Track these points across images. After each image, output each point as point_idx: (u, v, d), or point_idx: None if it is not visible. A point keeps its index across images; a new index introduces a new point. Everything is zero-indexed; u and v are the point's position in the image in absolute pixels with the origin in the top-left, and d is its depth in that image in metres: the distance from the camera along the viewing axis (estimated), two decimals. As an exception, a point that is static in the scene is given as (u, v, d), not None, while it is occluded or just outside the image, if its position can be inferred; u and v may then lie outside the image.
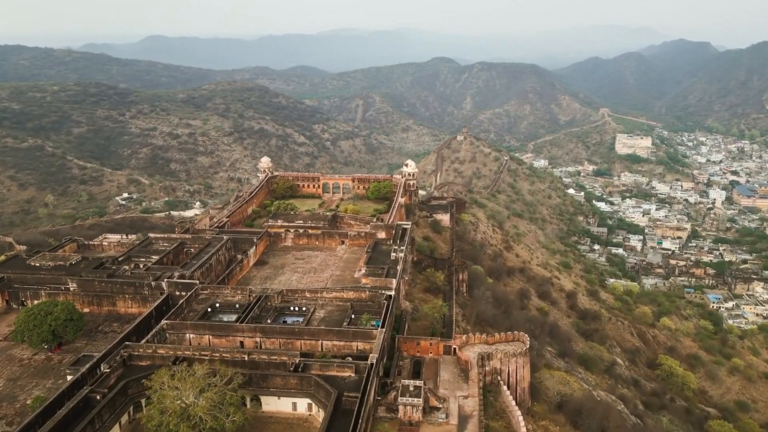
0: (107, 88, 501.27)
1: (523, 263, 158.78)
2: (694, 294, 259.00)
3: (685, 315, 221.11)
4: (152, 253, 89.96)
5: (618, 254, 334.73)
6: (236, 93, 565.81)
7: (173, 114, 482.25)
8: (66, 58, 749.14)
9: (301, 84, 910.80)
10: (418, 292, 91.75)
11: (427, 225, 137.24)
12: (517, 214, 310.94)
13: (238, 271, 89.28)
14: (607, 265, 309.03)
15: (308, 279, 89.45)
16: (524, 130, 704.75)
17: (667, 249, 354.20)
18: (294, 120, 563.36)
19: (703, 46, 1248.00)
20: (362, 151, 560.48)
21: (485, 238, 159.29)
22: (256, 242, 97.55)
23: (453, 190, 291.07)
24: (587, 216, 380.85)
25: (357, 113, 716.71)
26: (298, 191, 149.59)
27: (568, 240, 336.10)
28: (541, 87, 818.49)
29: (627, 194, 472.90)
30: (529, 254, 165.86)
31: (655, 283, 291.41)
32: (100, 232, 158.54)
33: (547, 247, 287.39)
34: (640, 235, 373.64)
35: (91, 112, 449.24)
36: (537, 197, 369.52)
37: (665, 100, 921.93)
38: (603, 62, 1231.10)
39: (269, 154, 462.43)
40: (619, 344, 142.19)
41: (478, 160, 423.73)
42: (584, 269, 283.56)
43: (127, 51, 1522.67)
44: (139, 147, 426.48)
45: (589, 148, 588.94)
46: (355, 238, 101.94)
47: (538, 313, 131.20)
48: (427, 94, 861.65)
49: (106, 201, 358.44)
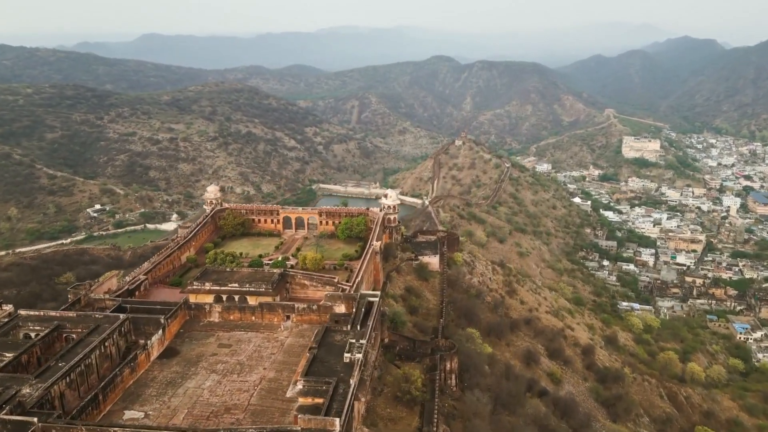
0: (85, 90, 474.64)
1: (529, 311, 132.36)
2: (717, 322, 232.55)
3: (712, 351, 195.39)
4: (6, 347, 63.93)
5: (629, 271, 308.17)
6: (224, 94, 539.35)
7: (155, 117, 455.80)
8: (50, 57, 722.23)
9: (296, 84, 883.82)
10: (385, 406, 65.42)
11: (411, 271, 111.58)
12: (520, 229, 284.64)
13: (128, 374, 63.08)
14: (618, 285, 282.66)
15: (228, 386, 63.00)
16: (526, 132, 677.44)
17: (682, 264, 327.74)
18: (285, 123, 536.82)
19: (709, 43, 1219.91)
20: (356, 155, 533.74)
21: (483, 281, 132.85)
22: (164, 323, 71.27)
23: (450, 205, 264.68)
24: (595, 228, 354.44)
25: (352, 115, 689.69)
26: (252, 227, 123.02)
27: (575, 256, 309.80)
28: (544, 86, 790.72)
29: (635, 201, 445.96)
30: (536, 298, 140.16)
31: (671, 306, 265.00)
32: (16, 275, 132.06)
33: (553, 267, 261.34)
34: (652, 248, 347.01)
35: (66, 116, 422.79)
36: (541, 208, 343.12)
37: (671, 100, 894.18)
38: (606, 60, 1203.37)
39: (256, 160, 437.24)
40: (647, 412, 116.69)
41: (478, 167, 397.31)
42: (594, 291, 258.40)
43: (121, 50, 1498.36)
44: (116, 153, 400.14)
45: (595, 152, 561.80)
46: (304, 312, 75.53)
47: (550, 380, 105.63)
48: (425, 94, 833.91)
49: (75, 213, 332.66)
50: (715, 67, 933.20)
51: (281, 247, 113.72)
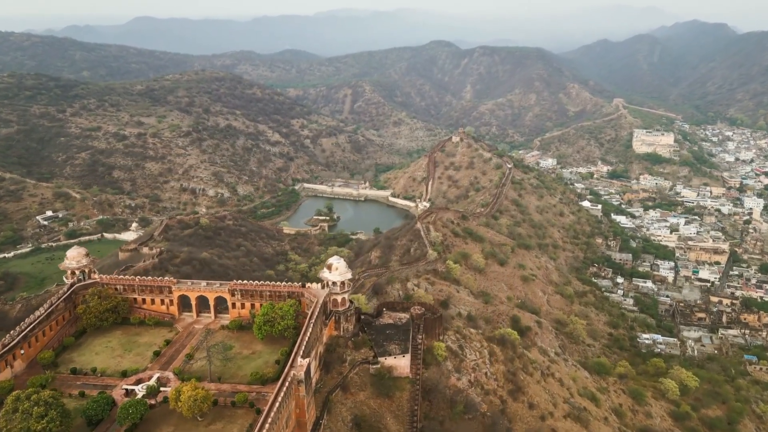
0: (48, 79, 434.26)
1: (541, 419, 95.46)
2: (758, 365, 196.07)
3: (759, 413, 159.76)
4: None
5: (647, 290, 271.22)
6: (203, 84, 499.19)
7: (124, 110, 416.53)
8: (24, 42, 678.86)
9: (287, 70, 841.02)
10: None
11: (367, 382, 74.09)
12: (524, 245, 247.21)
13: None
14: (635, 310, 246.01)
15: None
16: (529, 123, 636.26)
17: (705, 280, 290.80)
18: (269, 114, 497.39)
19: (720, 27, 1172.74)
20: (347, 149, 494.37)
21: (477, 379, 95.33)
22: None
23: (442, 220, 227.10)
24: (607, 237, 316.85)
25: (344, 104, 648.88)
26: (133, 311, 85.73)
27: (585, 272, 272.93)
28: (548, 74, 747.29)
29: (649, 203, 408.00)
30: (549, 390, 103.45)
31: (699, 337, 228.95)
32: None
33: (562, 293, 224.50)
34: (671, 260, 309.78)
35: (24, 108, 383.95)
36: (547, 216, 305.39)
37: (681, 87, 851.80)
38: (613, 45, 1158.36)
39: (233, 157, 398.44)
40: None
41: (477, 167, 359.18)
42: (610, 322, 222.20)
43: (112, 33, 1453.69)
44: (77, 151, 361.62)
45: (603, 146, 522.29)
46: None
47: None
48: (423, 81, 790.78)
49: (23, 221, 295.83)
50: (728, 53, 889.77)
51: (167, 350, 76.14)
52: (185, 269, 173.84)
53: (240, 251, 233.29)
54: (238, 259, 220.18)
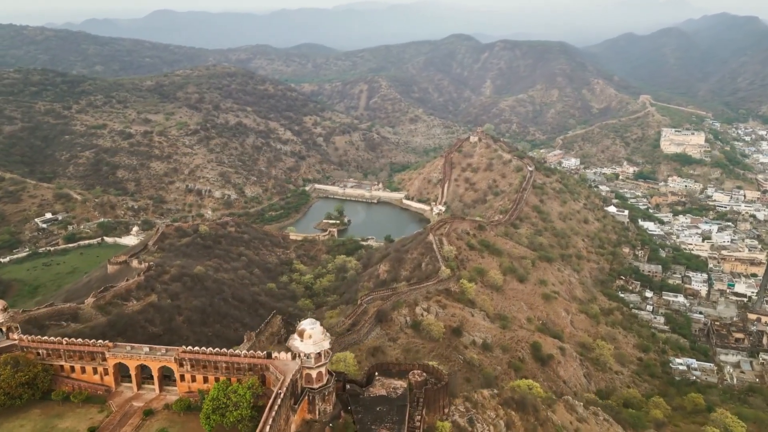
0: (55, 75, 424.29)
1: None
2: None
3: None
4: None
5: (678, 306, 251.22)
6: (214, 79, 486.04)
7: (132, 107, 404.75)
8: (38, 36, 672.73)
9: (303, 65, 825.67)
10: None
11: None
12: (546, 257, 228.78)
13: None
14: (667, 330, 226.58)
15: None
16: (551, 121, 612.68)
17: (742, 295, 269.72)
18: (281, 111, 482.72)
19: (751, 20, 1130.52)
20: (360, 148, 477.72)
21: None
22: None
23: (457, 231, 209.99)
24: (634, 246, 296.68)
25: (360, 100, 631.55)
26: (59, 383, 67.12)
27: (611, 286, 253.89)
28: (571, 69, 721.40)
29: (678, 208, 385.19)
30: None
31: (737, 362, 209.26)
32: None
33: (587, 312, 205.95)
34: (703, 271, 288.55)
35: (29, 105, 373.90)
36: (570, 223, 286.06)
37: (711, 83, 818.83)
38: (638, 39, 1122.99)
39: (242, 157, 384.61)
40: None
41: (496, 169, 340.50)
42: (639, 345, 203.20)
43: (131, 27, 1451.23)
44: (81, 150, 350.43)
45: (629, 145, 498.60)
46: None
47: None
48: (441, 77, 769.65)
49: (21, 224, 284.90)
50: (760, 47, 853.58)
51: (98, 432, 60.58)
52: (174, 287, 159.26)
53: (240, 262, 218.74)
54: (237, 271, 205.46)
